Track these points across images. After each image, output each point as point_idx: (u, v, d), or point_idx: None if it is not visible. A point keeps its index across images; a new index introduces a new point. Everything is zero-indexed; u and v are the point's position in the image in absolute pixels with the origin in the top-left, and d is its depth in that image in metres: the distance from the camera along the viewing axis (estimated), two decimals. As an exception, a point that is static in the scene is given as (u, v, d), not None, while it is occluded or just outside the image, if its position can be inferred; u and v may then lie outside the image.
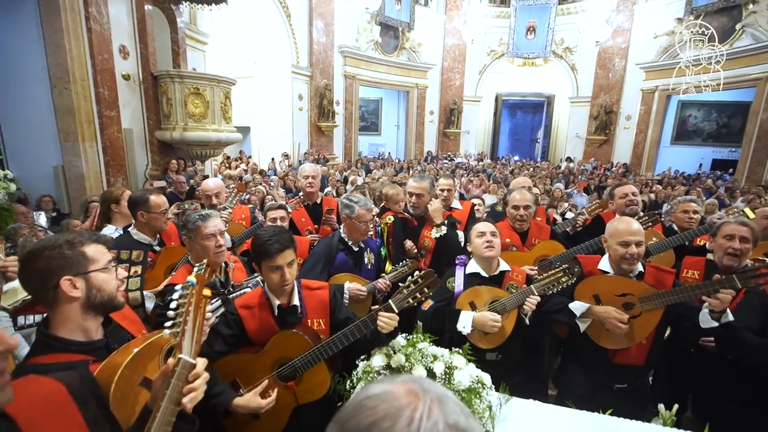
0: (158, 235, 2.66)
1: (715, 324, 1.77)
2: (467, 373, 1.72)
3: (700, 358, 2.27)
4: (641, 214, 2.92)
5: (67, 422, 0.98)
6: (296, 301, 1.84)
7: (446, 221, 3.03)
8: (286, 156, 11.38)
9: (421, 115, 16.30)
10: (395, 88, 16.00)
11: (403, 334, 1.91)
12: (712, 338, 1.93)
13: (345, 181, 9.43)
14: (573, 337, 2.21)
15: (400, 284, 1.79)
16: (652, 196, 8.68)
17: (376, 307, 1.71)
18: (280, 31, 11.24)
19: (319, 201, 3.45)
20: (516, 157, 17.04)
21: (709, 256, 2.45)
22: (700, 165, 14.74)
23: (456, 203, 3.53)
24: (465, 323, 2.07)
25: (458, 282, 2.28)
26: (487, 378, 1.75)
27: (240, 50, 11.75)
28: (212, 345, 1.70)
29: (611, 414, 1.77)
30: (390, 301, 1.71)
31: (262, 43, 11.41)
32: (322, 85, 12.45)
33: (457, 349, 1.83)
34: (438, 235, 2.97)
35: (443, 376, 1.71)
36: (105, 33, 5.38)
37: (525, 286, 2.20)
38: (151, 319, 2.05)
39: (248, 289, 2.08)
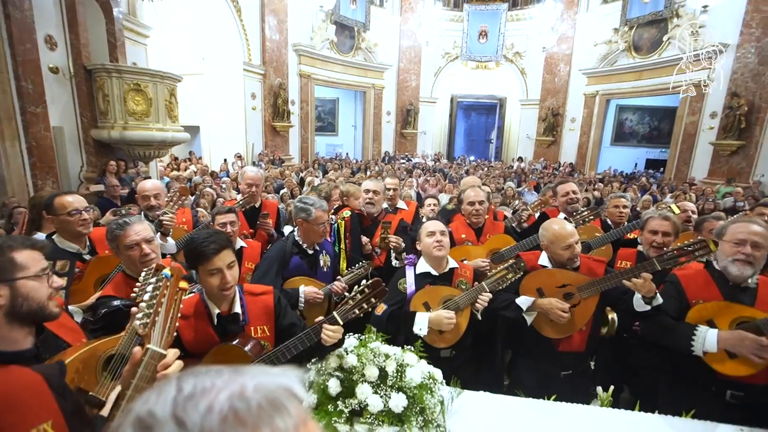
0: (88, 243, 2.44)
1: (648, 307, 1.91)
2: (419, 369, 1.73)
3: (634, 342, 2.45)
4: (581, 209, 3.09)
5: (42, 410, 1.03)
6: (238, 308, 1.75)
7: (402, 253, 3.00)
8: (239, 157, 10.96)
9: (378, 115, 16.37)
10: (352, 88, 15.95)
11: (356, 335, 1.88)
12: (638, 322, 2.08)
13: (301, 182, 9.25)
14: (521, 330, 2.29)
15: (356, 287, 1.75)
16: (597, 193, 9.27)
17: (320, 318, 1.66)
18: (230, 26, 10.81)
19: (258, 205, 3.34)
20: (471, 157, 17.56)
21: (640, 247, 2.65)
22: (636, 164, 16.00)
23: (401, 204, 3.58)
24: (421, 325, 2.08)
25: (410, 283, 2.29)
26: (438, 373, 1.77)
27: (187, 46, 11.16)
28: None
29: (556, 399, 1.85)
30: (335, 312, 1.67)
31: (210, 38, 10.90)
32: (277, 84, 12.13)
33: (409, 347, 1.83)
34: (399, 265, 2.98)
35: (395, 375, 1.70)
36: (27, 21, 4.88)
37: (473, 281, 2.26)
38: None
39: (191, 295, 1.95)
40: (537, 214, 3.35)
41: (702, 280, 1.97)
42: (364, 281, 1.76)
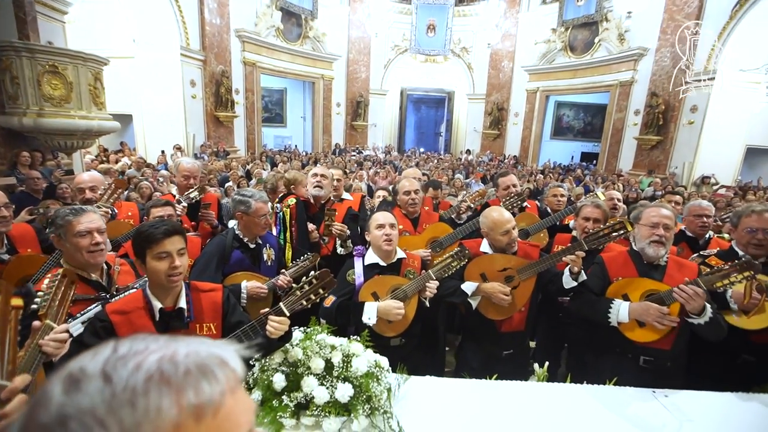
0: (6, 242, 2.18)
1: (575, 283, 2.09)
2: (365, 359, 1.73)
3: (566, 321, 2.64)
4: (518, 200, 3.26)
5: None
6: (183, 304, 1.64)
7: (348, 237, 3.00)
8: (178, 148, 10.26)
9: (327, 107, 16.12)
10: (300, 78, 15.53)
11: (301, 328, 1.85)
12: (567, 298, 2.25)
13: (248, 175, 8.88)
14: (468, 315, 2.38)
15: (304, 278, 1.71)
16: (537, 184, 9.84)
17: (266, 310, 1.60)
18: (164, 7, 10.00)
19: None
20: (421, 150, 17.87)
21: (574, 233, 2.85)
22: (573, 157, 17.19)
23: (346, 195, 3.56)
24: (370, 314, 2.08)
25: (358, 274, 2.28)
26: (384, 361, 1.78)
27: (114, 26, 10.18)
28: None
29: (497, 378, 1.93)
30: (281, 303, 1.62)
31: (142, 19, 10.03)
32: (218, 71, 11.49)
33: (355, 337, 1.83)
34: (344, 252, 2.95)
35: (341, 365, 1.68)
36: None
37: (421, 270, 2.30)
38: None
39: (134, 291, 1.81)
40: (480, 204, 3.47)
41: (622, 260, 2.18)
42: (311, 273, 1.72)
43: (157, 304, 1.59)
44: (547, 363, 2.01)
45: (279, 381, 1.66)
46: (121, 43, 10.10)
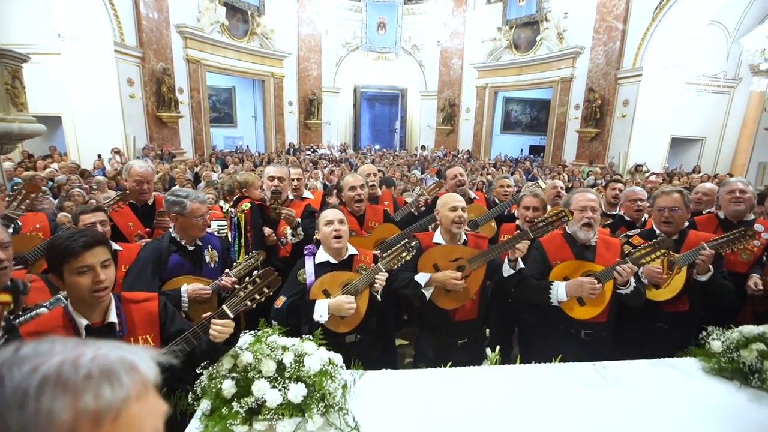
0: None
1: (513, 271, 2.20)
2: (317, 357, 1.69)
3: (516, 306, 2.76)
4: (467, 190, 3.37)
5: None
6: (113, 318, 1.52)
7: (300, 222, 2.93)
8: (117, 152, 9.54)
9: (279, 105, 15.68)
10: (249, 76, 14.98)
11: (251, 331, 1.78)
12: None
13: (196, 178, 8.47)
14: (422, 306, 2.43)
15: (247, 278, 1.65)
16: (490, 177, 10.19)
17: (208, 314, 1.52)
18: (92, -1, 9.23)
19: (151, 202, 2.96)
20: (377, 147, 17.92)
21: (518, 221, 2.98)
22: (522, 150, 18.03)
23: (307, 193, 3.50)
24: (321, 312, 2.05)
25: (309, 273, 2.24)
26: (338, 358, 1.75)
27: (35, 19, 9.23)
28: None
29: (452, 366, 1.97)
30: (224, 306, 1.55)
31: (68, 12, 9.17)
32: (159, 69, 10.81)
33: (308, 336, 1.79)
34: (295, 240, 2.87)
35: (293, 365, 1.64)
36: None
37: (373, 265, 2.30)
38: None
39: (44, 310, 1.64)
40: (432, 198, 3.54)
41: (558, 242, 2.34)
42: (255, 272, 1.66)
43: (83, 321, 1.46)
44: (498, 347, 2.08)
45: (228, 387, 1.59)
46: (44, 37, 9.17)
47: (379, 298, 2.17)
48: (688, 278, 2.27)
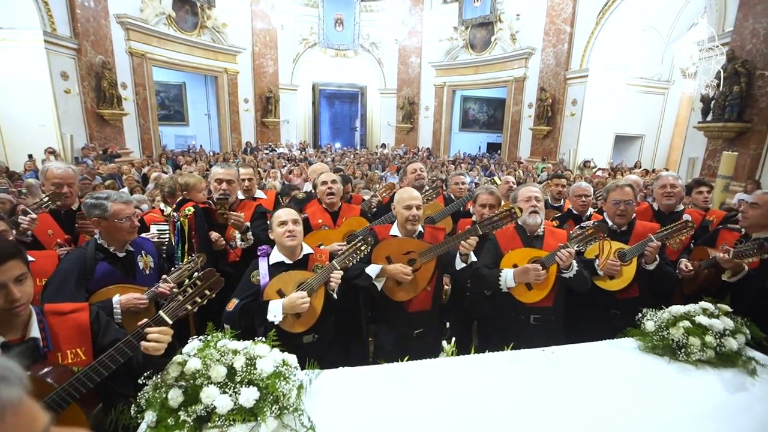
0: None
1: (464, 265, 2.27)
2: (270, 359, 1.65)
3: (473, 299, 2.84)
4: (427, 187, 3.41)
5: None
6: (35, 333, 1.39)
7: (249, 227, 2.84)
8: (51, 152, 8.75)
9: (234, 103, 15.13)
10: (200, 72, 14.32)
11: (200, 337, 1.70)
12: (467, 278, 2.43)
13: (144, 179, 7.99)
14: (377, 298, 2.46)
15: (187, 281, 1.56)
16: (446, 174, 10.41)
17: (143, 321, 1.43)
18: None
19: (76, 207, 2.71)
20: (337, 145, 17.77)
21: (474, 217, 3.05)
22: (480, 147, 18.57)
23: (259, 193, 3.40)
24: (275, 312, 2.00)
25: (263, 274, 2.18)
26: (293, 359, 1.72)
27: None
28: None
29: (410, 359, 1.99)
30: (161, 312, 1.45)
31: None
32: (98, 62, 10.05)
33: (260, 338, 1.74)
34: (244, 245, 2.77)
35: (244, 369, 1.58)
36: None
37: (328, 263, 2.27)
38: None
39: None
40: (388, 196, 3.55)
41: (509, 234, 2.46)
42: (196, 273, 1.58)
43: None
44: (454, 339, 2.12)
45: (175, 397, 1.50)
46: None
47: (335, 296, 2.14)
48: (637, 267, 2.44)
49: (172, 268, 2.36)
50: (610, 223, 2.61)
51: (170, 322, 1.44)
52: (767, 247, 2.13)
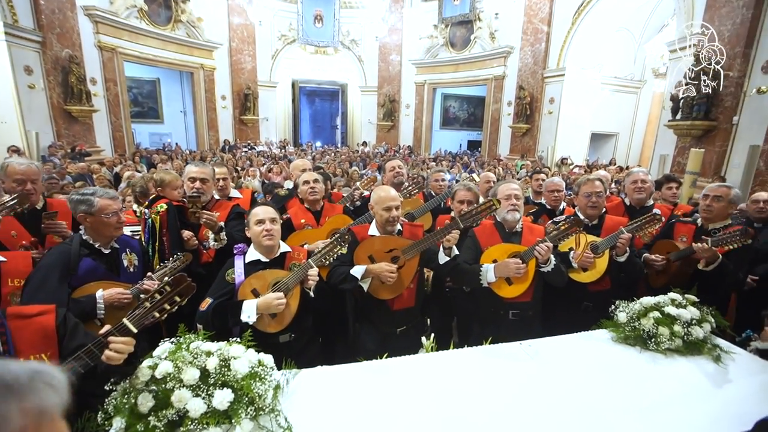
0: None
1: (448, 258, 2.28)
2: (246, 360, 1.61)
3: (454, 295, 2.86)
4: (406, 183, 3.40)
5: None
6: None
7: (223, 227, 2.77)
8: (15, 150, 8.33)
9: (211, 100, 14.76)
10: (175, 67, 13.90)
11: (171, 339, 1.64)
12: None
13: (117, 178, 7.73)
14: (361, 298, 2.42)
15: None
16: (428, 171, 10.46)
17: (105, 329, 1.37)
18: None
19: (41, 206, 2.58)
20: (318, 143, 17.61)
21: (453, 213, 3.07)
22: (461, 145, 18.73)
23: (234, 192, 3.32)
24: (249, 312, 1.96)
25: (238, 273, 2.14)
26: (269, 359, 1.68)
27: None
28: None
29: (389, 356, 1.98)
30: (125, 320, 1.40)
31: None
32: (65, 56, 9.60)
33: (235, 339, 1.70)
34: (218, 246, 2.70)
35: (218, 371, 1.54)
36: None
37: (304, 261, 2.24)
38: None
39: None
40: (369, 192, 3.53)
41: (489, 230, 2.50)
42: (165, 278, 1.53)
43: None
44: (433, 335, 2.12)
45: (145, 402, 1.45)
46: None
47: (312, 294, 2.11)
48: (609, 260, 2.50)
49: (159, 266, 2.29)
50: (581, 216, 2.68)
51: (135, 330, 1.39)
52: (751, 232, 2.26)
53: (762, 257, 2.87)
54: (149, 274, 2.16)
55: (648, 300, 2.03)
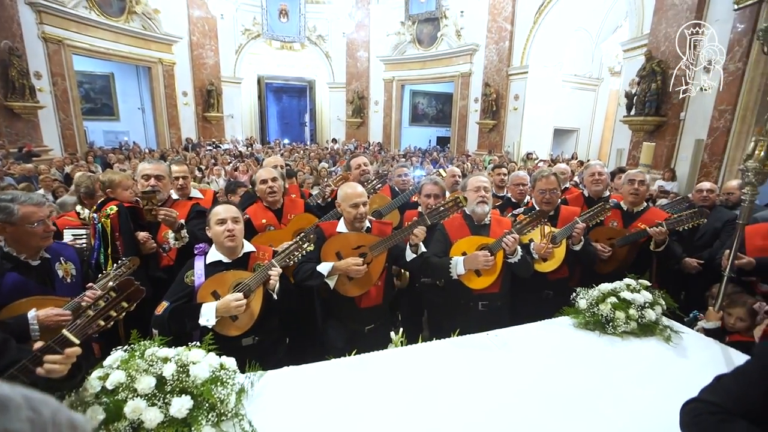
0: None
1: (414, 255, 2.29)
2: (206, 364, 1.54)
3: (423, 290, 2.87)
4: (372, 179, 3.39)
5: None
6: None
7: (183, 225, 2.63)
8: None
9: (172, 96, 14.09)
10: (131, 62, 13.17)
11: (124, 347, 1.55)
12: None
13: (67, 179, 7.25)
14: (328, 296, 2.38)
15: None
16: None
17: (39, 344, 1.27)
18: None
19: None
20: (286, 141, 17.27)
21: (420, 208, 3.09)
22: (430, 141, 18.91)
23: (195, 192, 3.19)
24: (208, 315, 1.87)
25: (198, 274, 2.04)
26: (231, 362, 1.62)
27: None
28: None
29: (358, 353, 1.96)
30: (65, 330, 1.29)
31: None
32: (3, 47, 8.84)
33: (194, 343, 1.63)
34: (179, 245, 2.58)
35: (175, 377, 1.47)
36: None
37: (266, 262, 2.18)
38: None
39: None
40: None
41: (458, 223, 2.52)
42: (110, 284, 1.44)
43: None
44: (402, 329, 2.12)
45: (94, 415, 1.36)
46: None
47: (275, 296, 2.05)
48: (566, 249, 2.60)
49: (99, 275, 2.14)
50: (536, 208, 2.77)
51: (77, 342, 1.29)
52: (706, 212, 2.50)
53: (705, 242, 3.08)
54: (90, 284, 1.99)
55: (606, 286, 2.13)
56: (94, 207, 2.70)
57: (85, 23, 11.20)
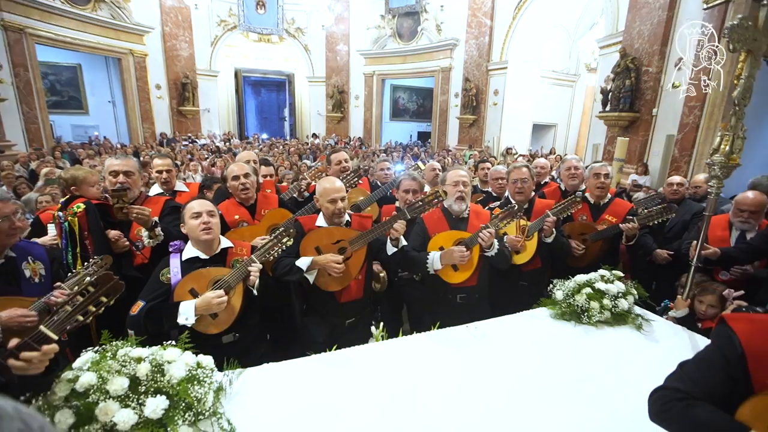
0: None
1: (395, 249, 2.27)
2: (182, 363, 1.50)
3: (402, 283, 2.89)
4: (350, 172, 3.37)
5: None
6: None
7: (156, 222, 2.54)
8: None
9: (144, 89, 13.58)
10: (99, 53, 12.60)
11: (95, 348, 1.49)
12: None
13: (32, 175, 6.93)
14: (308, 291, 2.36)
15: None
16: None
17: (15, 341, 1.22)
18: None
19: None
20: (265, 136, 16.97)
21: (398, 203, 3.09)
22: (411, 136, 18.94)
23: (180, 185, 3.09)
24: (187, 314, 1.83)
25: (174, 272, 1.98)
26: (208, 360, 1.59)
27: None
28: None
29: (338, 348, 1.95)
30: (42, 326, 1.25)
31: None
32: (-39, 36, 8.40)
33: (170, 342, 1.58)
34: (153, 243, 2.49)
35: (149, 377, 1.43)
36: None
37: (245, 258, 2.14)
38: None
39: None
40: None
41: (436, 217, 2.53)
42: (88, 278, 1.38)
43: None
44: (382, 324, 2.12)
45: (64, 419, 1.31)
46: None
47: (255, 292, 2.01)
48: (538, 241, 2.67)
49: (69, 274, 2.05)
50: (512, 202, 2.82)
51: (55, 338, 1.24)
52: (675, 208, 2.64)
53: (675, 234, 3.20)
54: (58, 283, 1.91)
55: (581, 277, 2.19)
56: (59, 205, 2.57)
57: (48, 11, 10.62)
